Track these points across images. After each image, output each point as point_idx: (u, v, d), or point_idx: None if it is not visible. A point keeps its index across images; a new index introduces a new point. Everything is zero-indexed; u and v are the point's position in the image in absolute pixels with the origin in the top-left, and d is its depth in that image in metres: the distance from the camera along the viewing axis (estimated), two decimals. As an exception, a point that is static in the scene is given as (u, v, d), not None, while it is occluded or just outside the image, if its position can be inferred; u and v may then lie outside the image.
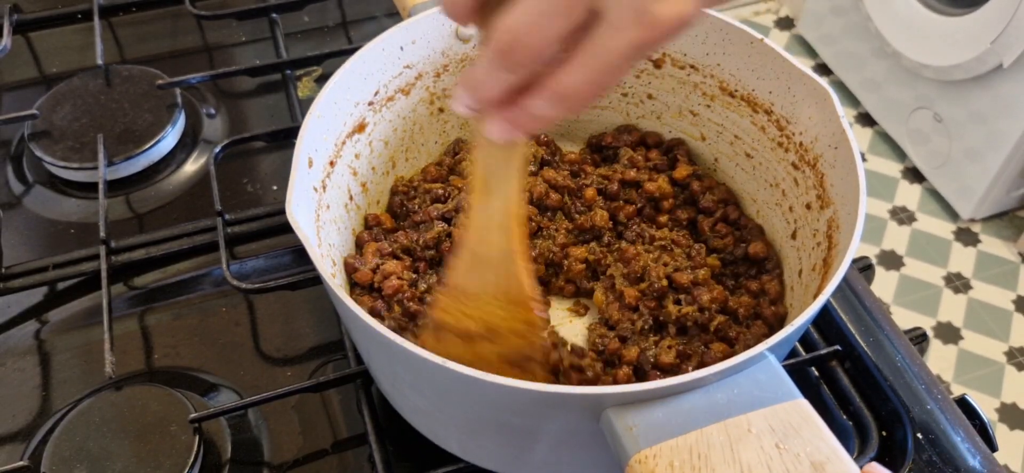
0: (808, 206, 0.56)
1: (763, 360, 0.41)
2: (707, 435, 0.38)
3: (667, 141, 0.67)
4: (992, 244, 1.90)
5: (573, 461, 0.47)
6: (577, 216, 0.62)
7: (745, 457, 0.37)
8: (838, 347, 0.60)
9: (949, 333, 1.74)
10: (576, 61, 0.34)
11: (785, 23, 2.42)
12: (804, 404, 0.39)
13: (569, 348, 0.55)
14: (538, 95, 0.36)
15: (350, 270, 0.57)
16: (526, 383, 0.39)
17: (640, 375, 0.54)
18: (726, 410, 0.39)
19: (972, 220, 1.94)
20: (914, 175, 2.03)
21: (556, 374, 0.52)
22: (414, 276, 0.57)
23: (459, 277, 0.48)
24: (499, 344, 0.48)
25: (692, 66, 0.63)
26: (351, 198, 0.60)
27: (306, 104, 0.71)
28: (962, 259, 1.87)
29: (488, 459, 0.51)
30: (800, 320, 0.42)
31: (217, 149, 0.70)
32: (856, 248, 0.46)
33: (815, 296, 0.44)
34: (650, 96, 0.67)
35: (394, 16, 0.89)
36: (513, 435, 0.46)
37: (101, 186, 0.69)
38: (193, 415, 0.55)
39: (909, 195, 2.00)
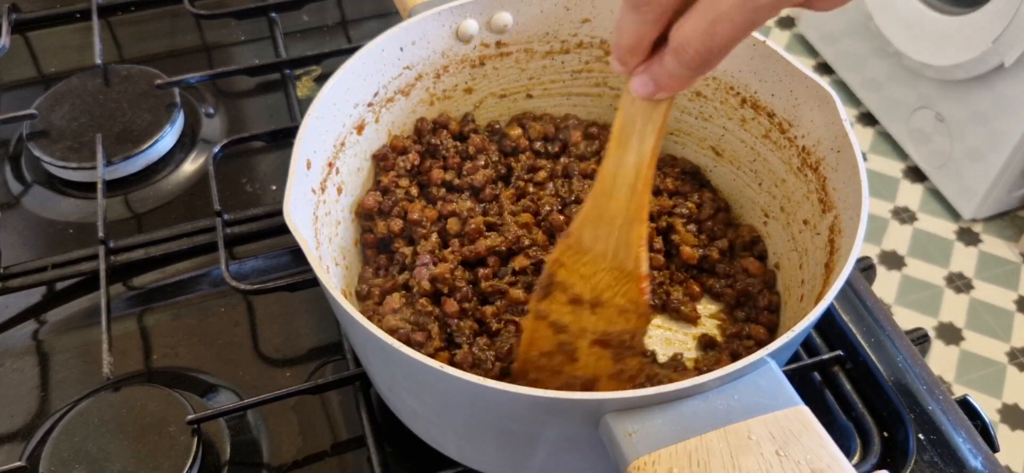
0: (809, 211, 0.56)
1: (764, 366, 0.41)
2: (706, 442, 0.38)
3: (681, 164, 0.67)
4: (994, 244, 1.90)
5: (572, 467, 0.47)
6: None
7: (745, 464, 0.37)
8: (840, 352, 0.59)
9: (951, 333, 1.73)
10: (693, 10, 0.35)
11: (786, 22, 2.42)
12: (805, 411, 0.39)
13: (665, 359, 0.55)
14: (666, 49, 0.38)
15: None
16: (524, 389, 0.39)
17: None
18: (726, 417, 0.39)
19: (974, 220, 1.93)
20: (916, 175, 2.03)
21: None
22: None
23: (580, 228, 0.47)
24: (601, 318, 0.48)
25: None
26: (351, 199, 0.60)
27: (305, 104, 0.71)
28: (964, 259, 1.87)
29: (486, 464, 0.51)
30: (801, 326, 0.42)
31: (216, 149, 0.70)
32: (858, 253, 0.46)
33: (817, 301, 0.44)
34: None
35: (394, 16, 0.89)
36: (511, 440, 0.45)
37: (100, 186, 0.68)
38: (192, 416, 0.55)
39: (911, 195, 1.99)
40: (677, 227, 0.61)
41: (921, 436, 0.55)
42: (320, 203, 0.55)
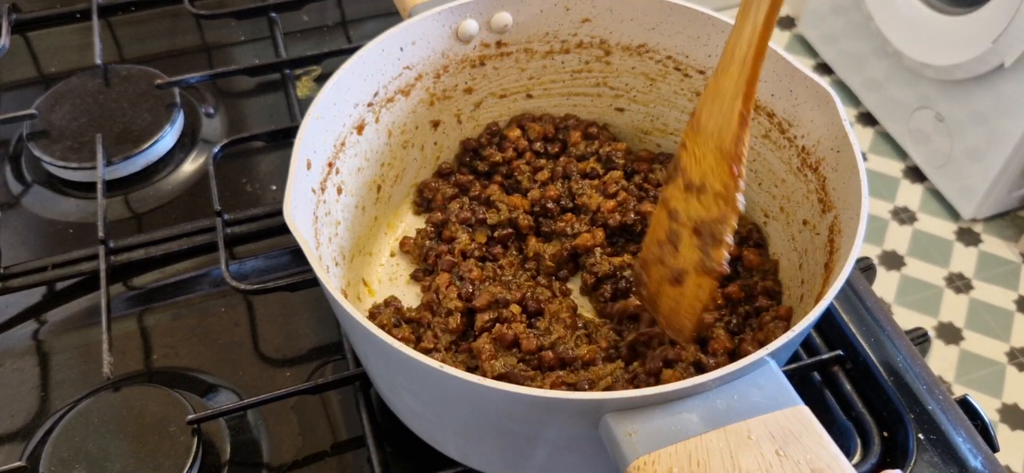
0: (809, 211, 0.56)
1: (764, 366, 0.41)
2: (706, 442, 0.38)
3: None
4: (993, 244, 1.90)
5: (572, 466, 0.47)
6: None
7: (745, 464, 0.37)
8: (840, 352, 0.60)
9: (950, 333, 1.73)
10: None
11: (786, 23, 2.42)
12: (804, 411, 0.39)
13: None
14: None
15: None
16: (523, 389, 0.39)
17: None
18: (726, 416, 0.39)
19: (974, 220, 1.93)
20: (915, 175, 2.03)
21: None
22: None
23: (700, 107, 0.48)
24: (702, 204, 0.49)
25: (698, 70, 0.63)
26: (351, 199, 0.60)
27: (305, 103, 0.71)
28: (963, 259, 1.87)
29: (486, 464, 0.51)
30: (801, 326, 0.42)
31: (216, 149, 0.70)
32: (858, 253, 0.46)
33: (817, 301, 0.44)
34: (651, 101, 0.67)
35: (394, 16, 0.89)
36: (511, 440, 0.45)
37: (100, 186, 0.68)
38: (192, 416, 0.55)
39: (910, 195, 1.99)
40: None
41: (921, 436, 0.55)
42: (320, 203, 0.55)
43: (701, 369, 0.52)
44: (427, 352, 0.54)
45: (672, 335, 0.53)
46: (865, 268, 0.71)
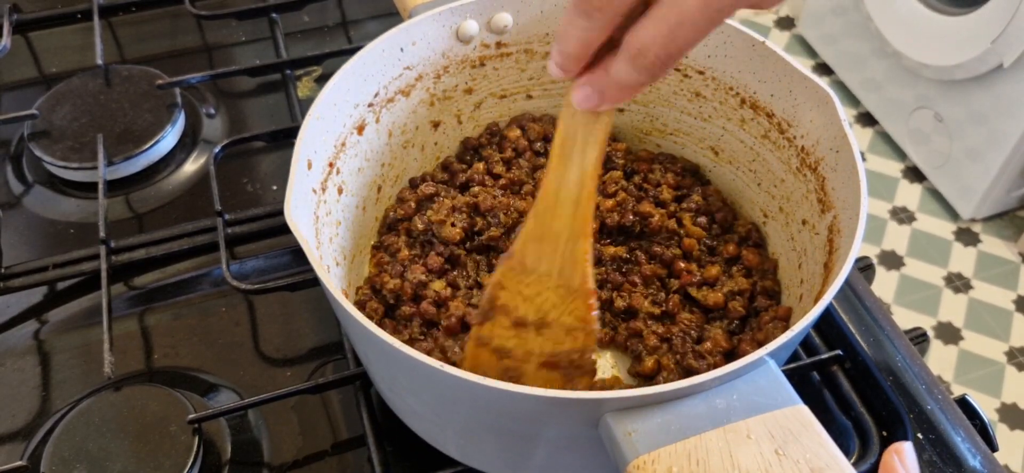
0: (808, 211, 0.56)
1: (763, 365, 0.41)
2: (706, 441, 0.38)
3: (681, 162, 0.67)
4: (992, 244, 1.90)
5: (572, 466, 0.47)
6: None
7: (744, 463, 0.37)
8: (839, 352, 0.60)
9: (949, 333, 1.73)
10: (652, 14, 0.34)
11: (785, 23, 2.42)
12: (804, 410, 0.39)
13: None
14: (619, 57, 0.36)
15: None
16: (523, 388, 0.39)
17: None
18: (725, 416, 0.39)
19: (973, 220, 1.94)
20: (915, 175, 2.03)
21: None
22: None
23: (523, 248, 0.46)
24: (548, 338, 0.47)
25: (698, 71, 0.63)
26: (352, 199, 0.60)
27: (306, 104, 0.71)
28: (962, 259, 1.87)
29: (486, 463, 0.51)
30: (801, 325, 0.42)
31: (217, 149, 0.70)
32: (857, 253, 0.46)
33: (816, 300, 0.44)
34: (650, 102, 0.67)
35: (394, 16, 0.89)
36: (511, 440, 0.46)
37: (101, 186, 0.69)
38: (193, 415, 0.55)
39: (910, 195, 1.99)
40: (685, 222, 0.62)
41: (920, 435, 0.55)
42: (321, 203, 0.55)
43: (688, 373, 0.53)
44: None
45: None
46: (864, 268, 0.71)
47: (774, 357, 0.42)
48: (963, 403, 0.58)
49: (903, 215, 1.95)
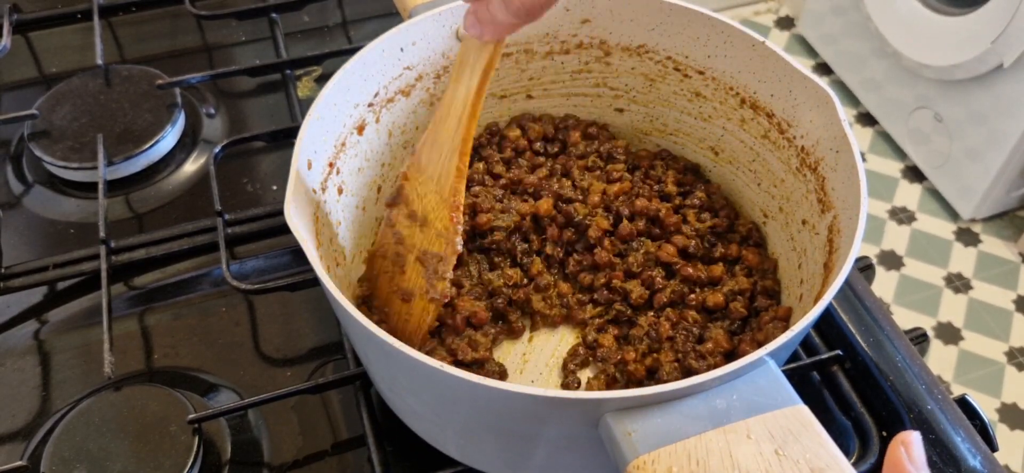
0: (808, 211, 0.56)
1: (763, 365, 0.41)
2: (706, 441, 0.38)
3: (683, 161, 0.67)
4: (992, 244, 1.90)
5: (572, 466, 0.47)
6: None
7: (744, 463, 0.37)
8: (839, 352, 0.60)
9: (949, 333, 1.73)
10: None
11: (785, 23, 2.42)
12: (804, 410, 0.39)
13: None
14: None
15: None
16: (524, 388, 0.39)
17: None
18: (725, 416, 0.39)
19: (973, 220, 1.94)
20: (914, 175, 2.03)
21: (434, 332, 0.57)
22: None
23: (421, 149, 0.53)
24: (425, 237, 0.54)
25: (698, 71, 0.63)
26: (351, 199, 0.60)
27: (306, 104, 0.71)
28: (962, 259, 1.87)
29: (486, 463, 0.51)
30: (800, 325, 0.42)
31: (217, 149, 0.70)
32: (857, 253, 0.46)
33: (816, 300, 0.44)
34: (650, 102, 0.67)
35: (394, 16, 0.89)
36: (511, 440, 0.46)
37: (101, 186, 0.69)
38: (193, 415, 0.55)
39: (909, 195, 1.99)
40: (690, 218, 0.62)
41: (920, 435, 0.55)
42: (321, 203, 0.55)
43: (688, 373, 0.53)
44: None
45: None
46: (864, 268, 0.71)
47: (774, 357, 0.42)
48: (963, 403, 0.58)
49: (903, 215, 1.95)
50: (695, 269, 0.60)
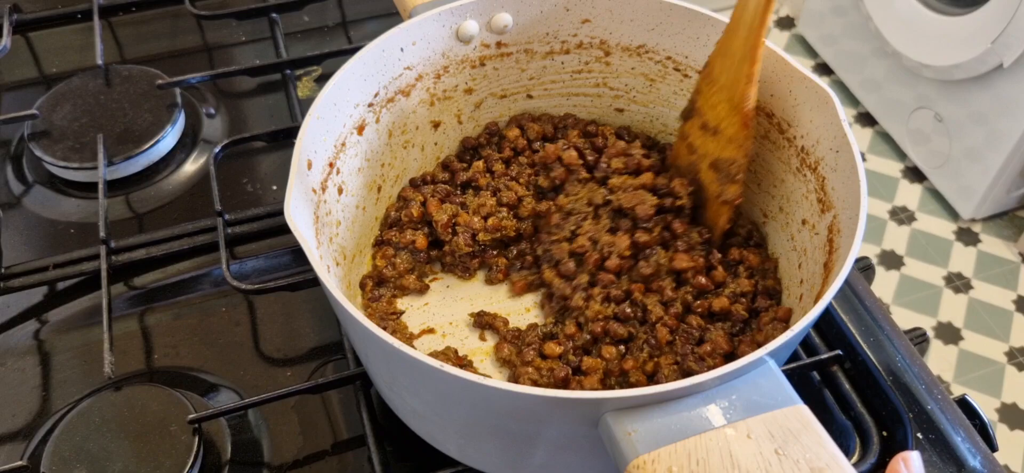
0: (808, 211, 0.56)
1: (763, 365, 0.41)
2: (706, 441, 0.38)
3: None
4: (992, 244, 1.90)
5: (572, 465, 0.47)
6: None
7: (744, 462, 0.37)
8: (839, 352, 0.60)
9: (949, 333, 1.74)
10: None
11: (785, 23, 2.42)
12: (804, 410, 0.39)
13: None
14: None
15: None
16: (524, 388, 0.39)
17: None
18: (725, 415, 0.39)
19: (973, 220, 1.94)
20: (914, 175, 2.03)
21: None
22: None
23: (713, 60, 0.55)
24: (717, 144, 0.56)
25: (698, 71, 0.63)
26: (351, 199, 0.60)
27: (306, 104, 0.71)
28: (962, 259, 1.87)
29: (486, 463, 0.51)
30: (801, 325, 0.42)
31: (217, 149, 0.70)
32: (857, 252, 0.46)
33: (816, 300, 0.44)
34: (650, 102, 0.67)
35: (394, 16, 0.89)
36: (511, 439, 0.46)
37: (101, 186, 0.69)
38: (193, 415, 0.55)
39: (909, 195, 1.99)
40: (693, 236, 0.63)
41: (920, 435, 0.55)
42: (321, 203, 0.55)
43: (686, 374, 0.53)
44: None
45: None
46: (864, 268, 0.71)
47: (774, 357, 0.42)
48: (963, 403, 0.58)
49: (903, 215, 1.95)
50: (706, 278, 0.59)
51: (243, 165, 0.76)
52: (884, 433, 0.57)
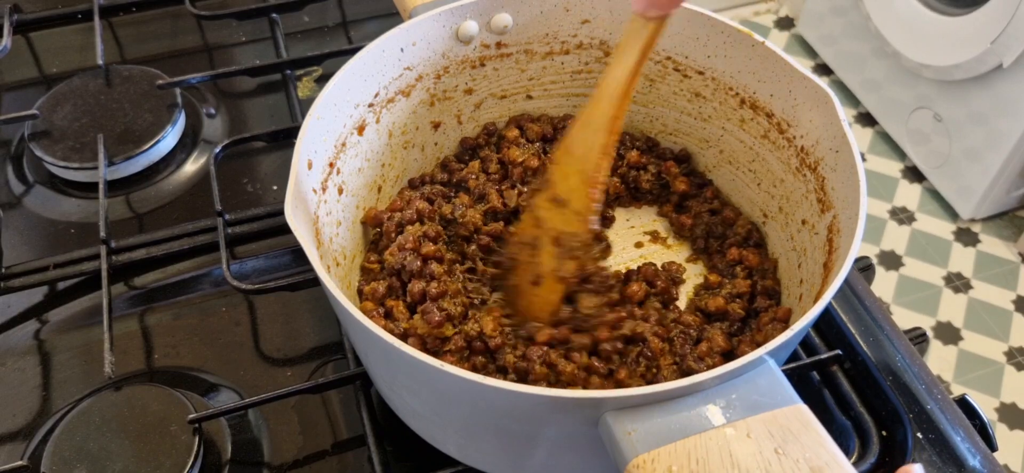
0: (808, 211, 0.56)
1: (763, 365, 0.41)
2: (706, 440, 0.38)
3: (676, 152, 0.67)
4: (992, 244, 1.90)
5: (572, 465, 0.47)
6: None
7: (744, 462, 0.37)
8: (839, 352, 0.60)
9: (949, 333, 1.74)
10: None
11: (785, 23, 2.42)
12: (804, 409, 0.39)
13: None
14: None
15: (376, 222, 0.61)
16: (524, 387, 0.39)
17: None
18: (725, 415, 0.39)
19: (972, 220, 1.94)
20: (914, 175, 2.03)
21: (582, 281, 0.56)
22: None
23: (571, 129, 0.53)
24: (564, 216, 0.54)
25: (697, 71, 0.63)
26: (352, 199, 0.60)
27: (306, 104, 0.71)
28: (962, 259, 1.87)
29: (486, 463, 0.51)
30: (800, 324, 0.42)
31: (217, 149, 0.70)
32: (857, 252, 0.46)
33: (816, 300, 0.44)
34: (650, 102, 0.67)
35: (394, 17, 0.89)
36: (511, 439, 0.46)
37: (101, 186, 0.69)
38: (193, 415, 0.55)
39: (909, 195, 1.99)
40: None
41: (920, 435, 0.55)
42: (321, 203, 0.55)
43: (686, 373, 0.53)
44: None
45: (529, 321, 0.55)
46: (864, 268, 0.71)
47: (774, 356, 0.42)
48: (963, 403, 0.58)
49: (903, 215, 1.95)
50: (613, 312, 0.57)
51: (243, 165, 0.76)
52: (884, 433, 0.57)
